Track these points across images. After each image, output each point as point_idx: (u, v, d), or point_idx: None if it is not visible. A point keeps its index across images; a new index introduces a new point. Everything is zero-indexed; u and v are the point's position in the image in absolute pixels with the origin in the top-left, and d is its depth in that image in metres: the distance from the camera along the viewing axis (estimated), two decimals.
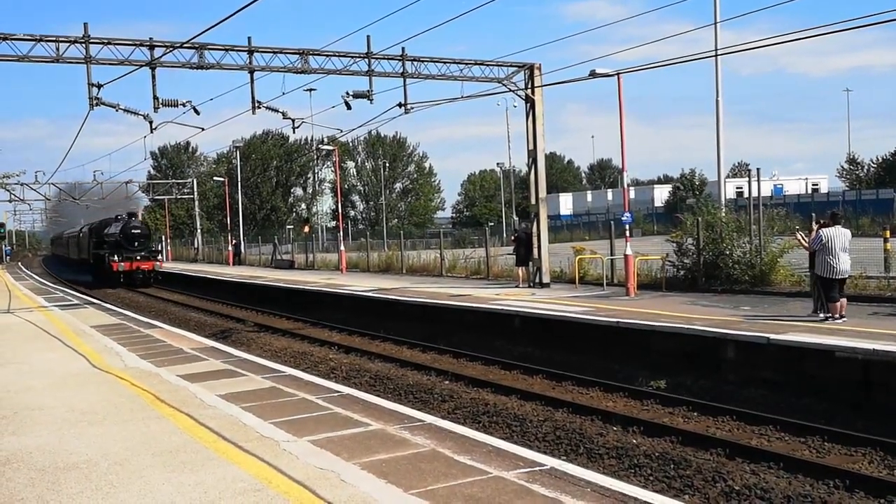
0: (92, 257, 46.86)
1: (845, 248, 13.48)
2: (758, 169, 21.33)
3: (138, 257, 42.38)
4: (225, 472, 6.47)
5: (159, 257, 45.15)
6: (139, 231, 44.19)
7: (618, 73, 20.55)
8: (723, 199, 25.85)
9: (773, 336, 12.35)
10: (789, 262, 19.96)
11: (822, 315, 13.92)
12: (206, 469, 6.57)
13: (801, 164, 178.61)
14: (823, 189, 79.27)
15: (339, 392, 9.80)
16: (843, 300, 13.70)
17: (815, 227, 15.94)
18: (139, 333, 16.88)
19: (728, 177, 56.88)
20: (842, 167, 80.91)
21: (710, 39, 24.41)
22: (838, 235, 13.44)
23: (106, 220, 47.07)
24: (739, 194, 58.93)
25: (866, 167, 77.92)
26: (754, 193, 20.66)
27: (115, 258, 41.59)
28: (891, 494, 7.67)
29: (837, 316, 13.51)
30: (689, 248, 21.13)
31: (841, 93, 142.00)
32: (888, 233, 18.87)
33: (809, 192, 75.53)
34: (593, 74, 20.46)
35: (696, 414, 11.15)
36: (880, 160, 75.52)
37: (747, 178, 23.95)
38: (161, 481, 6.32)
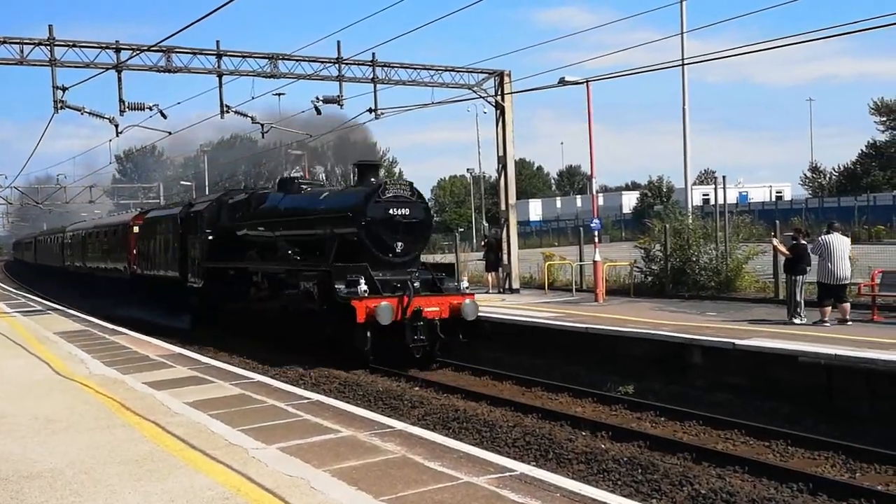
0: (198, 273, 21.60)
1: (845, 255, 13.94)
2: (723, 177, 21.75)
3: (415, 282, 15.62)
4: (193, 480, 6.41)
5: (465, 284, 17.01)
6: (411, 210, 16.35)
7: (587, 81, 20.77)
8: (689, 206, 26.19)
9: (738, 341, 12.53)
10: (754, 268, 20.28)
11: (797, 321, 14.27)
12: (173, 477, 6.50)
13: (767, 172, 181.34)
14: (787, 197, 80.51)
15: (308, 399, 9.75)
16: (847, 305, 14.09)
17: (779, 237, 16.25)
18: (104, 340, 16.63)
19: (695, 184, 57.52)
20: (805, 175, 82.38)
21: (680, 48, 24.71)
22: (838, 242, 13.91)
23: (255, 194, 21.09)
24: (706, 201, 59.61)
25: (828, 175, 79.40)
26: (720, 201, 20.98)
27: (358, 285, 14.76)
28: (852, 497, 7.81)
29: (827, 320, 13.88)
30: (656, 254, 21.38)
31: (805, 102, 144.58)
32: (849, 240, 19.23)
33: (773, 199, 76.67)
34: (563, 82, 20.65)
35: (663, 419, 11.26)
36: (842, 168, 77.00)
37: (713, 186, 24.30)
38: (127, 490, 6.24)
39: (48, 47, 19.75)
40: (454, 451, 7.11)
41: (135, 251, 28.34)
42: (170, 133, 25.40)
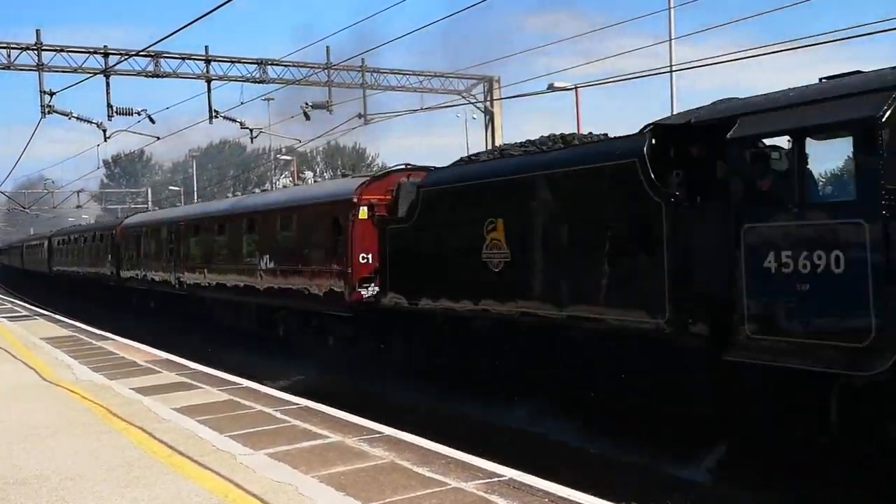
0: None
1: None
2: None
3: None
4: (180, 486, 6.38)
5: None
6: None
7: (575, 87, 20.88)
8: None
9: None
10: None
11: None
12: (160, 484, 6.47)
13: None
14: None
15: (297, 404, 9.72)
16: None
17: None
18: (91, 346, 16.54)
19: None
20: None
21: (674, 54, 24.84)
22: None
23: None
24: None
25: None
26: None
27: None
28: None
29: None
30: None
31: None
32: None
33: None
34: (551, 88, 20.74)
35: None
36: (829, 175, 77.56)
37: None
38: (114, 497, 6.21)
39: (36, 52, 19.70)
40: (443, 457, 7.11)
41: (386, 255, 13.19)
42: (158, 138, 25.37)
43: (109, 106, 20.94)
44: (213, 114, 22.30)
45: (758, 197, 7.62)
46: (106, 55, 20.42)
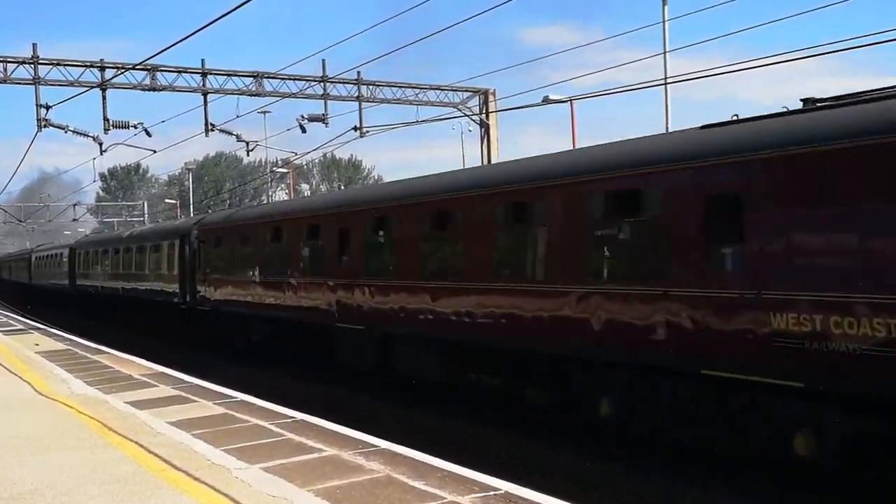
0: None
1: None
2: None
3: None
4: (175, 501, 6.35)
5: None
6: None
7: (570, 100, 20.98)
8: None
9: None
10: None
11: None
12: (155, 498, 6.44)
13: None
14: None
15: (292, 417, 9.70)
16: None
17: None
18: (86, 359, 16.49)
19: None
20: None
21: (668, 66, 25.02)
22: None
23: None
24: None
25: None
26: None
27: None
28: None
29: None
30: None
31: None
32: None
33: None
34: (546, 101, 20.83)
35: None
36: None
37: None
38: None
39: (32, 66, 19.73)
40: (438, 470, 7.09)
41: None
42: (154, 151, 25.40)
43: (106, 119, 20.98)
44: (209, 127, 22.34)
45: None
46: (102, 69, 20.47)
